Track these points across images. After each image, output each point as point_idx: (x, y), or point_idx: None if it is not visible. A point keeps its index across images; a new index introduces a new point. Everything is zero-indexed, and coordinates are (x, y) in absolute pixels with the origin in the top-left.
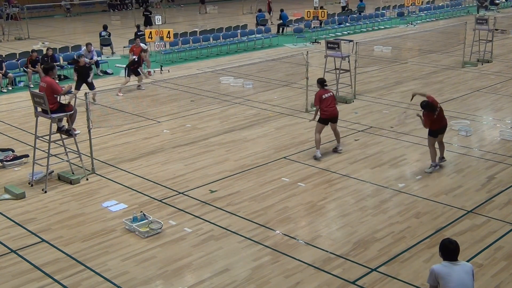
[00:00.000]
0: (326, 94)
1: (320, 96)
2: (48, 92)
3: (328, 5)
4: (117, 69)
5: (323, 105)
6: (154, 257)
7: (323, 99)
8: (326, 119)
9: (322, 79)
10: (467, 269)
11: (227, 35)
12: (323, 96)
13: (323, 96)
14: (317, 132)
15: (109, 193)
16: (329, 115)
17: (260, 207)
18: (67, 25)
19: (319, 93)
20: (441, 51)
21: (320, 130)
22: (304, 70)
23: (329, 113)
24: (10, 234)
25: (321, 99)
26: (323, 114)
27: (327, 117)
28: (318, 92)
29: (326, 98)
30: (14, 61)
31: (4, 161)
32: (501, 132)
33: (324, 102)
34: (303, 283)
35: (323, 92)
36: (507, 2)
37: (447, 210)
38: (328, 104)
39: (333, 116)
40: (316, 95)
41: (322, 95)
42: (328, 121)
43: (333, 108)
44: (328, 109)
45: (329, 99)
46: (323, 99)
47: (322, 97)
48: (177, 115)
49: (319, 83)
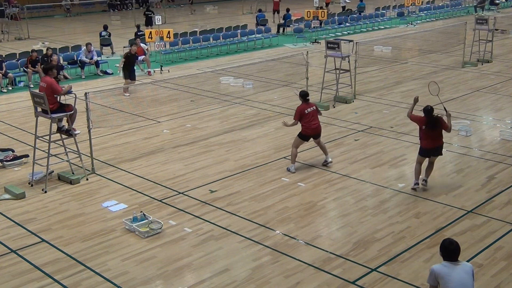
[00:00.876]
0: (308, 108)
1: (301, 111)
2: (48, 92)
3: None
4: (117, 69)
5: (304, 120)
6: (154, 257)
7: (305, 114)
8: (307, 135)
9: (304, 92)
10: (467, 269)
11: (227, 35)
12: (305, 111)
13: (305, 110)
14: (294, 147)
15: (109, 193)
16: (311, 132)
17: (260, 207)
18: (67, 25)
19: (300, 108)
20: (441, 51)
21: (297, 145)
22: (304, 70)
23: (311, 130)
24: (10, 234)
25: (303, 114)
26: (304, 130)
27: (309, 134)
28: (300, 106)
29: (309, 113)
30: (14, 61)
31: (4, 161)
32: (501, 132)
33: (306, 117)
34: (303, 283)
35: (305, 107)
36: (507, 2)
37: (447, 210)
38: (310, 120)
39: (315, 133)
40: (297, 110)
41: (305, 109)
42: (309, 138)
43: (316, 125)
44: (310, 125)
45: (312, 114)
46: (305, 114)
47: (304, 112)
48: (177, 115)
49: (302, 97)
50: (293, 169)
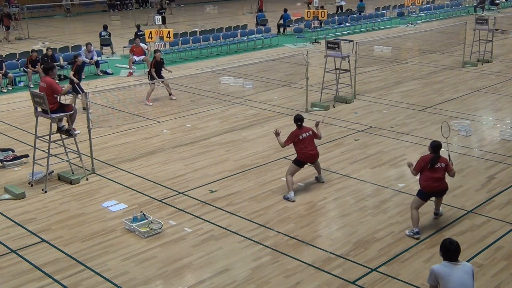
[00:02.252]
0: (304, 133)
1: (296, 137)
2: (48, 92)
3: (328, 5)
4: (117, 69)
5: (299, 146)
6: (154, 257)
7: (299, 140)
8: (302, 161)
9: (298, 117)
10: (467, 269)
11: (227, 35)
12: (300, 137)
13: (299, 136)
14: (289, 174)
15: (109, 193)
16: (308, 160)
17: (260, 207)
18: (67, 25)
19: (294, 133)
20: (441, 51)
21: (293, 173)
22: (304, 70)
23: (307, 157)
24: (10, 234)
25: (297, 140)
26: (300, 156)
27: (304, 160)
28: (294, 131)
29: (304, 139)
30: (14, 61)
31: (4, 161)
32: (501, 132)
33: (302, 143)
34: (303, 283)
35: (299, 132)
36: (507, 2)
37: (447, 210)
38: (305, 146)
39: (312, 160)
40: (291, 135)
41: (299, 135)
42: (305, 164)
43: (313, 152)
44: (307, 152)
45: (308, 140)
46: (300, 140)
47: (298, 138)
48: (177, 115)
49: (295, 121)
50: (292, 196)
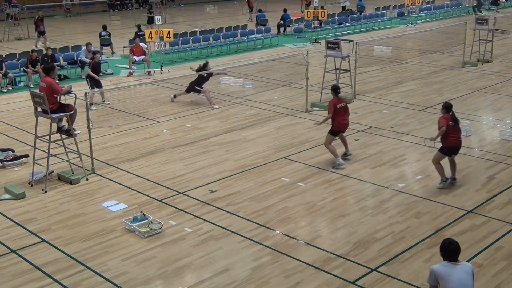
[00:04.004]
0: (340, 104)
1: (334, 106)
2: (48, 92)
3: (328, 5)
4: (117, 69)
5: (337, 115)
6: (154, 257)
7: (336, 109)
8: (337, 131)
9: (335, 86)
10: (467, 269)
11: (227, 35)
12: (337, 106)
13: (337, 105)
14: (328, 144)
15: (109, 193)
16: (343, 128)
17: (260, 207)
18: (67, 25)
19: (333, 102)
20: (441, 51)
21: (331, 142)
22: (304, 70)
23: (342, 125)
24: (10, 234)
25: (336, 109)
26: (337, 126)
27: (339, 129)
28: (332, 100)
29: (340, 108)
30: (14, 61)
31: (4, 161)
32: (501, 132)
33: (339, 112)
34: (303, 283)
35: (337, 102)
36: (507, 2)
37: (447, 210)
38: (342, 116)
39: (345, 129)
40: (330, 103)
41: (337, 104)
42: (340, 133)
43: (347, 121)
44: (342, 121)
45: (343, 110)
46: (337, 109)
47: (336, 107)
48: (177, 115)
49: (333, 91)
50: (342, 162)
